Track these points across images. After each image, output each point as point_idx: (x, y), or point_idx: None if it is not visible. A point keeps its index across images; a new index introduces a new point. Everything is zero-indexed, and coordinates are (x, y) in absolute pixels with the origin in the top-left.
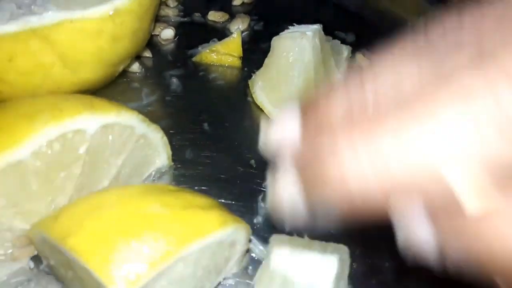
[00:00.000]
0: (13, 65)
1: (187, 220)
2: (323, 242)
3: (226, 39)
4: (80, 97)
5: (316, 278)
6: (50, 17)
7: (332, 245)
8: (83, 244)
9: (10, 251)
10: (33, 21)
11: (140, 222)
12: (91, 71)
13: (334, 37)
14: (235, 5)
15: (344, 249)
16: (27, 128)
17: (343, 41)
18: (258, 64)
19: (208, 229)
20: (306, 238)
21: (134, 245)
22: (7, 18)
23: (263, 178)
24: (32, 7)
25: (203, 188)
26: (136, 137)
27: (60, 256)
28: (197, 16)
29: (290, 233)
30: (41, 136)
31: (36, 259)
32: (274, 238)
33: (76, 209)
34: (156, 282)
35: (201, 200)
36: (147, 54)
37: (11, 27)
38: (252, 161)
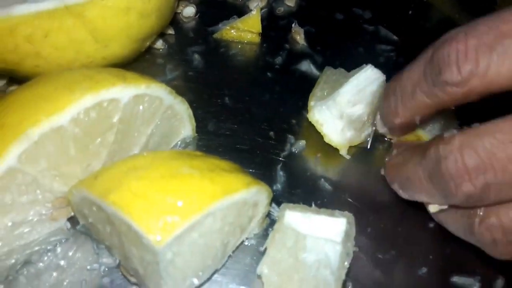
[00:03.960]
0: (49, 40)
1: (215, 180)
2: (330, 210)
3: (246, 16)
4: (113, 70)
5: (327, 234)
6: None
7: (338, 212)
8: (123, 199)
9: (50, 211)
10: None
11: (173, 180)
12: (120, 46)
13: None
14: None
15: (350, 216)
16: (67, 97)
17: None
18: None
19: (234, 188)
20: (314, 207)
21: (169, 200)
22: None
23: (281, 149)
24: None
25: (225, 157)
26: (164, 108)
27: (100, 213)
28: None
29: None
30: (80, 104)
31: (73, 220)
32: (285, 205)
33: (114, 170)
34: (189, 233)
35: (226, 164)
36: (170, 31)
37: (47, 5)
38: (271, 133)
